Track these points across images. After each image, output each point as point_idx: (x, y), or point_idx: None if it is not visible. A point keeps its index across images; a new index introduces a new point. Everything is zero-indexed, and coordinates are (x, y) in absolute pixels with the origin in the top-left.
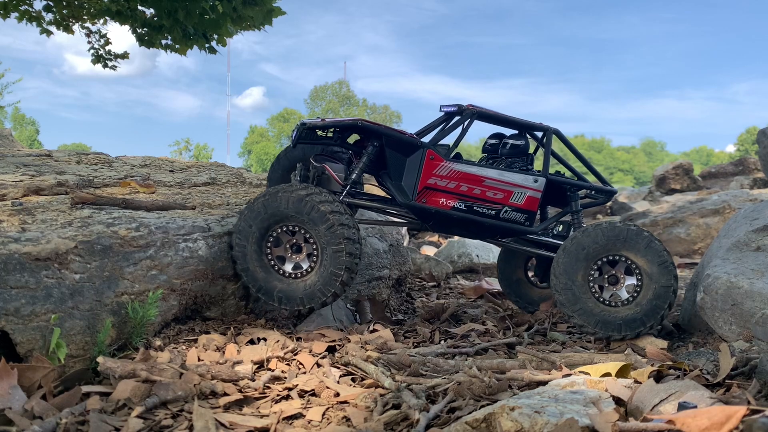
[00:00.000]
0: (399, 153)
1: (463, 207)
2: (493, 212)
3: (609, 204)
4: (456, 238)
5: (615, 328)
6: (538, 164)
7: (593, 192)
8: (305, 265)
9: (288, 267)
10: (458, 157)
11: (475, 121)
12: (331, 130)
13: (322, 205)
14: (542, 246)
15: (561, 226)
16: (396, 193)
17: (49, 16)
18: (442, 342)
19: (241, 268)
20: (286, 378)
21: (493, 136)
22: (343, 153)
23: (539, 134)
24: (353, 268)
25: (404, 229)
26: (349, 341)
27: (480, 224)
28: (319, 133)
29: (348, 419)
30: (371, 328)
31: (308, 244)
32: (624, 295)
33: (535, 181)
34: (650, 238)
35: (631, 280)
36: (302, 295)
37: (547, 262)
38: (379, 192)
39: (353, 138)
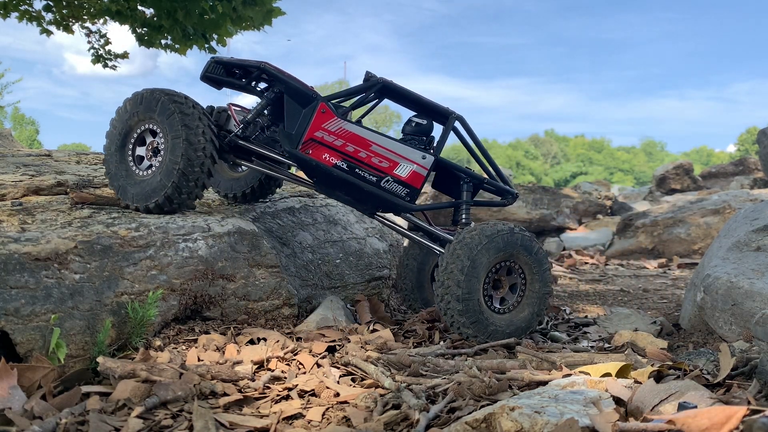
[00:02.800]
0: (296, 102)
1: (345, 167)
2: (375, 179)
3: (609, 204)
4: None
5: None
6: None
7: (493, 189)
8: (156, 163)
9: (145, 165)
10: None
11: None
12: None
13: (170, 102)
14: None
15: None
16: (283, 140)
17: (49, 16)
18: (442, 342)
19: (106, 172)
20: (286, 378)
21: (418, 115)
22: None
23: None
24: (194, 159)
25: None
26: (349, 341)
27: (359, 188)
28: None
29: (348, 419)
30: (371, 328)
31: (159, 141)
32: (511, 299)
33: (423, 158)
34: (537, 246)
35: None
36: (149, 189)
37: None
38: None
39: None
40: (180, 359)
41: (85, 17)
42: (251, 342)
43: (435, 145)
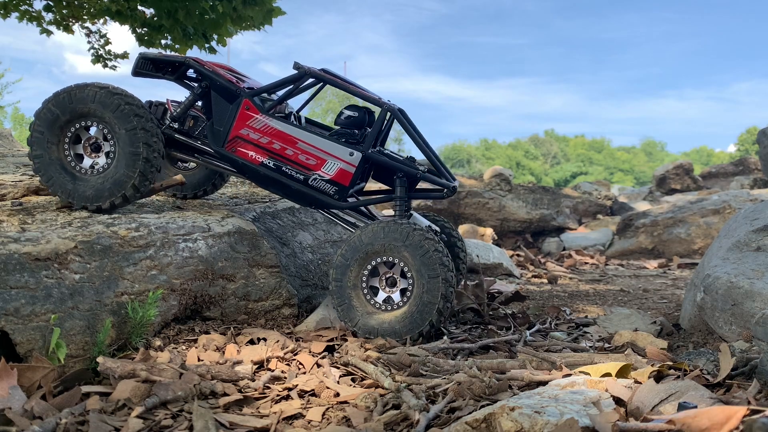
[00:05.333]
0: (223, 98)
1: (272, 165)
2: (302, 177)
3: (609, 204)
4: None
5: (387, 333)
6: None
7: (431, 181)
8: (103, 162)
9: (88, 163)
10: (300, 120)
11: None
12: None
13: (111, 95)
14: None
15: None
16: (210, 136)
17: (49, 16)
18: (444, 338)
19: (45, 179)
20: (286, 378)
21: (351, 107)
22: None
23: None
24: (154, 146)
25: None
26: (346, 340)
27: (287, 187)
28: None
29: (348, 419)
30: None
31: (107, 143)
32: (397, 298)
33: (351, 155)
34: (428, 248)
35: (402, 285)
36: (110, 184)
37: None
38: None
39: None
40: (180, 359)
41: (85, 17)
42: (251, 342)
43: (365, 140)
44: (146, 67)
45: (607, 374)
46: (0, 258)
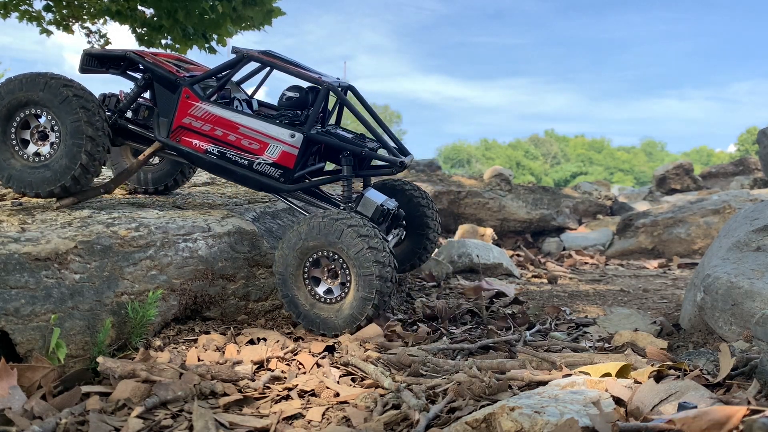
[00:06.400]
0: (165, 88)
1: (216, 152)
2: (246, 162)
3: (609, 204)
4: (456, 238)
5: (333, 326)
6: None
7: (379, 159)
8: (46, 150)
9: (32, 149)
10: (251, 105)
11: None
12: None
13: (62, 86)
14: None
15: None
16: (156, 127)
17: (49, 16)
18: (445, 338)
19: None
20: (286, 378)
21: (291, 88)
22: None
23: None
24: (98, 139)
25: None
26: (339, 343)
27: (233, 173)
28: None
29: (348, 419)
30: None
31: (53, 132)
32: (337, 291)
33: (292, 137)
34: (353, 236)
35: (342, 279)
36: (51, 174)
37: None
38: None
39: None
40: (180, 359)
41: (85, 17)
42: (251, 342)
43: (306, 121)
44: (92, 64)
45: (607, 374)
46: (0, 258)
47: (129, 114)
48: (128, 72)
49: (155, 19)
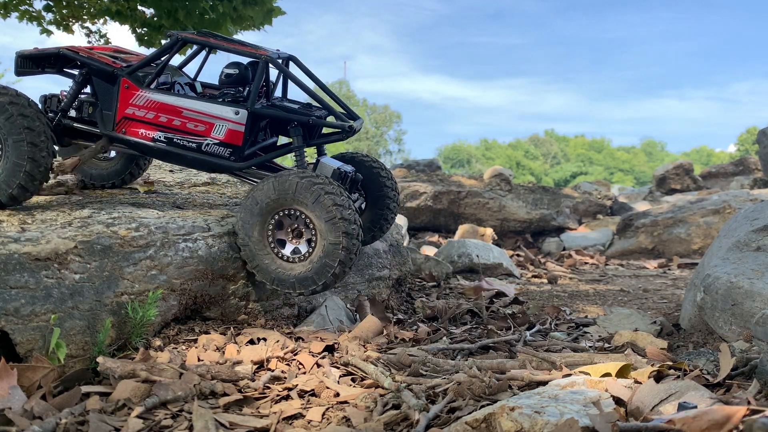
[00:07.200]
0: (104, 81)
1: (163, 139)
2: (194, 145)
3: (609, 204)
4: (456, 238)
5: (290, 285)
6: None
7: (329, 125)
8: None
9: None
10: (194, 88)
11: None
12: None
13: (8, 103)
14: None
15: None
16: (100, 122)
17: (49, 16)
18: (445, 338)
19: None
20: (286, 378)
21: (230, 65)
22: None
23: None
24: (40, 160)
25: (404, 229)
26: (338, 343)
27: (183, 157)
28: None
29: (348, 419)
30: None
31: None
32: (304, 249)
33: (236, 113)
34: (319, 193)
35: (307, 235)
36: None
37: None
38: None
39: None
40: (180, 359)
41: (85, 17)
42: (251, 342)
43: (249, 96)
44: (26, 66)
45: (607, 374)
46: (0, 258)
47: (72, 113)
48: (65, 70)
49: (155, 19)
